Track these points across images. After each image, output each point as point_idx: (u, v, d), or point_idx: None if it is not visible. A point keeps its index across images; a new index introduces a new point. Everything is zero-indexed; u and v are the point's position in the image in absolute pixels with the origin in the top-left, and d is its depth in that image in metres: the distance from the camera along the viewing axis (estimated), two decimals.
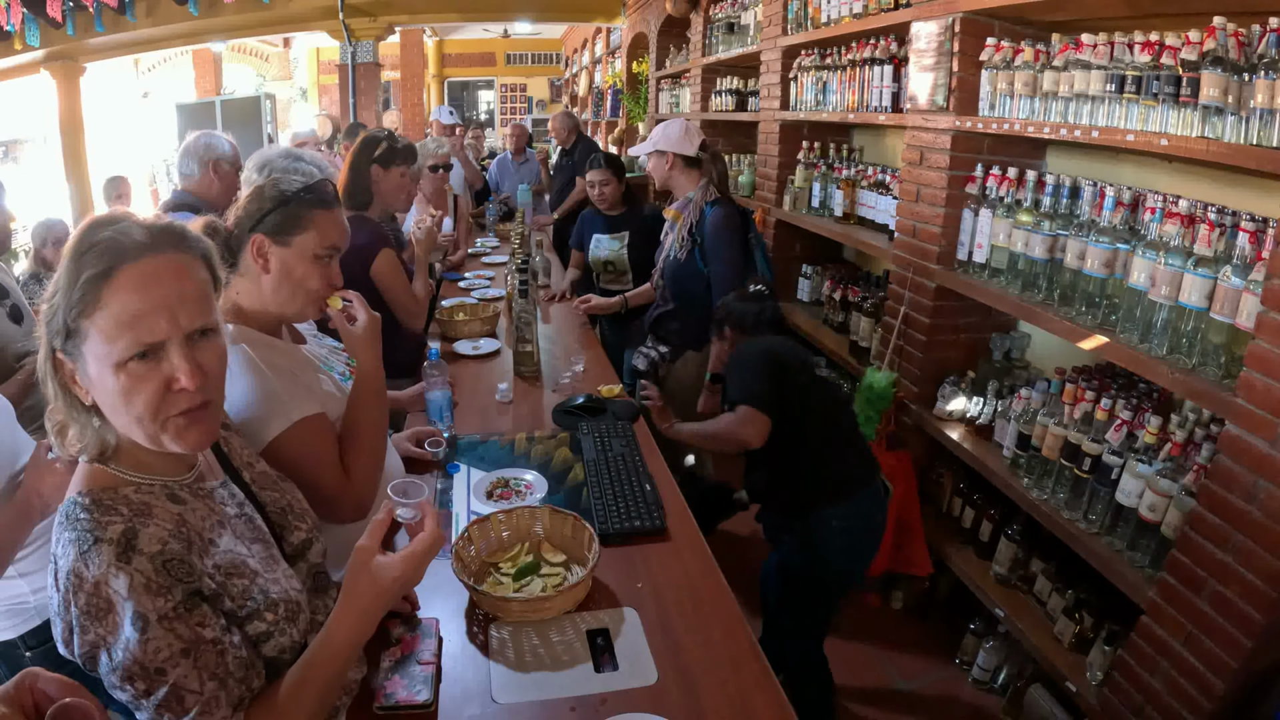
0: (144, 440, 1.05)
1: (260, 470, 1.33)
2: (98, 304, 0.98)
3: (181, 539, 1.02)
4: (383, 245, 2.75)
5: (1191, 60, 1.88)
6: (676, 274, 3.28)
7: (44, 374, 1.04)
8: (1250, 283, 1.76)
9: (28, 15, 8.06)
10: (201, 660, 0.98)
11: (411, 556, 1.16)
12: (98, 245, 0.99)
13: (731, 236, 3.15)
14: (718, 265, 3.15)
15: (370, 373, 1.65)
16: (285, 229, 1.57)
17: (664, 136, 3.25)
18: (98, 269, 0.98)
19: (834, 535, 2.29)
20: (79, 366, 1.01)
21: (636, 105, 8.10)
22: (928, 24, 2.81)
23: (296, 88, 15.39)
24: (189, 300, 1.04)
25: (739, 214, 3.23)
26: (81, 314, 0.98)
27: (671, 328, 3.36)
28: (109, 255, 0.99)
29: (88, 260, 0.98)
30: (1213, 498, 1.83)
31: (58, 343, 1.01)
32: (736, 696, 1.39)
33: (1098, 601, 2.30)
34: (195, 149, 3.10)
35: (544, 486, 2.07)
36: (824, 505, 2.29)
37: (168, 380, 1.02)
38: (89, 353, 1.00)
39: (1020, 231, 2.48)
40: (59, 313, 0.99)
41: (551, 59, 16.38)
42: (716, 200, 3.20)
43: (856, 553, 2.39)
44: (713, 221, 3.15)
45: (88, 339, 0.99)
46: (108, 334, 0.98)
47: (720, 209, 3.17)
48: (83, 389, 1.03)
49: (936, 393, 3.01)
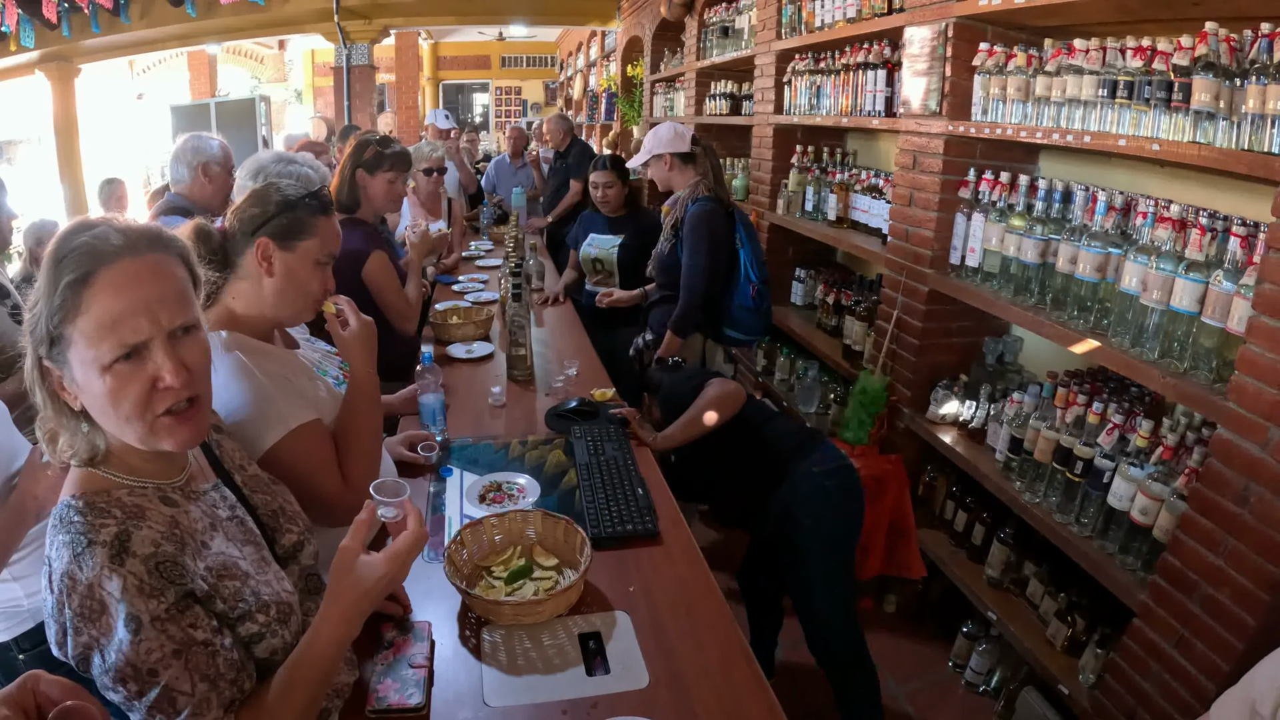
0: (135, 441, 1.05)
1: (252, 473, 1.33)
2: (79, 309, 0.99)
3: (174, 541, 1.03)
4: (375, 248, 2.76)
5: (1183, 65, 1.89)
6: (662, 266, 3.41)
7: (32, 382, 1.04)
8: (1241, 287, 1.77)
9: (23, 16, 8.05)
10: (193, 662, 0.99)
11: (396, 555, 1.16)
12: (75, 251, 1.00)
13: (706, 235, 3.19)
14: (686, 260, 3.24)
15: (364, 377, 1.66)
16: (291, 234, 1.59)
17: (657, 141, 3.32)
18: (76, 274, 0.99)
19: (818, 480, 2.30)
20: (65, 372, 1.02)
21: (631, 109, 8.10)
22: (921, 29, 2.82)
23: (291, 90, 15.38)
24: (169, 299, 1.05)
25: (724, 213, 3.27)
26: (64, 320, 0.99)
27: (658, 318, 3.45)
28: (86, 260, 0.99)
29: (66, 266, 0.99)
30: (1204, 501, 1.83)
31: (43, 350, 1.01)
32: (728, 700, 1.39)
33: (1090, 605, 2.30)
34: (184, 153, 3.07)
35: (536, 490, 2.07)
36: (797, 462, 2.32)
37: (153, 379, 1.03)
38: (74, 358, 1.00)
39: (1012, 236, 2.48)
40: (41, 320, 1.00)
41: (546, 62, 16.39)
42: (701, 198, 3.26)
43: (850, 494, 2.37)
44: (690, 218, 3.23)
45: (72, 344, 1.00)
46: (91, 338, 0.99)
47: (701, 206, 3.23)
48: (70, 394, 1.03)
49: (929, 396, 3.01)
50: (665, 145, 3.31)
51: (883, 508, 2.90)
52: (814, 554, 2.31)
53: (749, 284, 3.27)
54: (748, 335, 3.42)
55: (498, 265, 4.68)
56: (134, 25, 8.42)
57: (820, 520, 2.29)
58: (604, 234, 3.92)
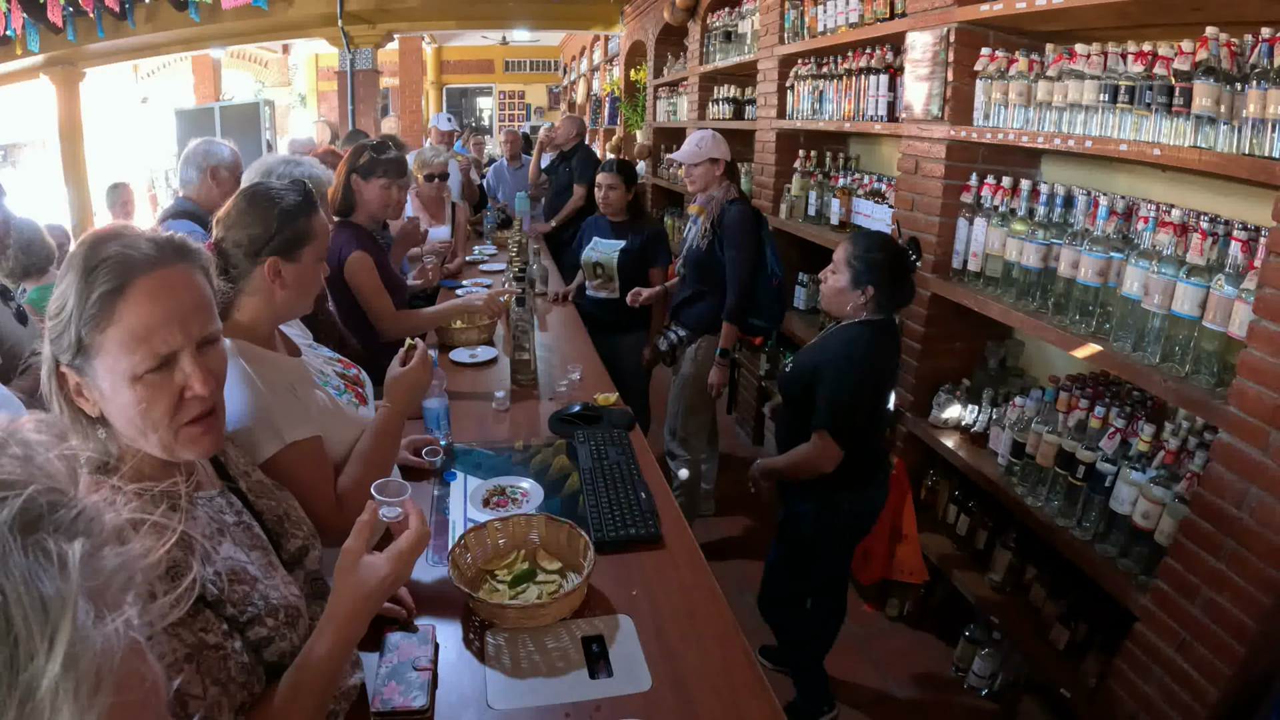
0: (158, 450, 1.06)
1: (256, 479, 1.34)
2: (111, 319, 0.99)
3: (183, 545, 1.03)
4: (356, 249, 2.78)
5: (1184, 70, 1.89)
6: (698, 262, 3.50)
7: (49, 390, 1.04)
8: (1242, 291, 1.77)
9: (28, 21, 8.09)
10: (205, 665, 0.99)
11: (399, 554, 1.17)
12: (108, 261, 1.00)
13: (749, 231, 3.38)
14: (733, 254, 3.37)
15: (393, 417, 1.74)
16: (294, 245, 1.61)
17: (714, 144, 3.45)
18: (111, 285, 0.99)
19: (844, 517, 2.45)
20: (86, 380, 1.02)
21: (634, 113, 8.11)
22: (923, 34, 2.82)
23: (295, 94, 15.42)
24: (199, 310, 1.06)
25: (754, 213, 3.47)
26: (95, 329, 0.99)
27: (691, 312, 3.59)
28: (120, 270, 1.00)
29: (99, 276, 0.99)
30: (1205, 505, 1.84)
31: (65, 358, 1.01)
32: (730, 704, 1.39)
33: (1092, 609, 2.31)
34: (194, 156, 3.09)
35: (540, 494, 2.08)
36: (841, 490, 2.39)
37: (181, 389, 1.04)
38: (100, 366, 1.00)
39: (1014, 240, 2.49)
40: (70, 328, 0.99)
41: (550, 66, 16.41)
42: (735, 199, 3.44)
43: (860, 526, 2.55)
44: (734, 217, 3.39)
45: (100, 353, 1.00)
46: (124, 347, 1.00)
47: (740, 206, 3.42)
48: (89, 400, 1.03)
49: (932, 401, 3.02)
50: (720, 150, 3.45)
51: (885, 512, 2.89)
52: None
53: (772, 276, 3.44)
54: (769, 323, 3.58)
55: (501, 270, 4.69)
56: (139, 29, 8.43)
57: (828, 547, 2.49)
58: (607, 238, 3.94)
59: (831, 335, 2.38)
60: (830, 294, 2.36)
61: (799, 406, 2.35)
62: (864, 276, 2.27)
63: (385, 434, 1.72)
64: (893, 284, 2.29)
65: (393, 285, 2.95)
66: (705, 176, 3.48)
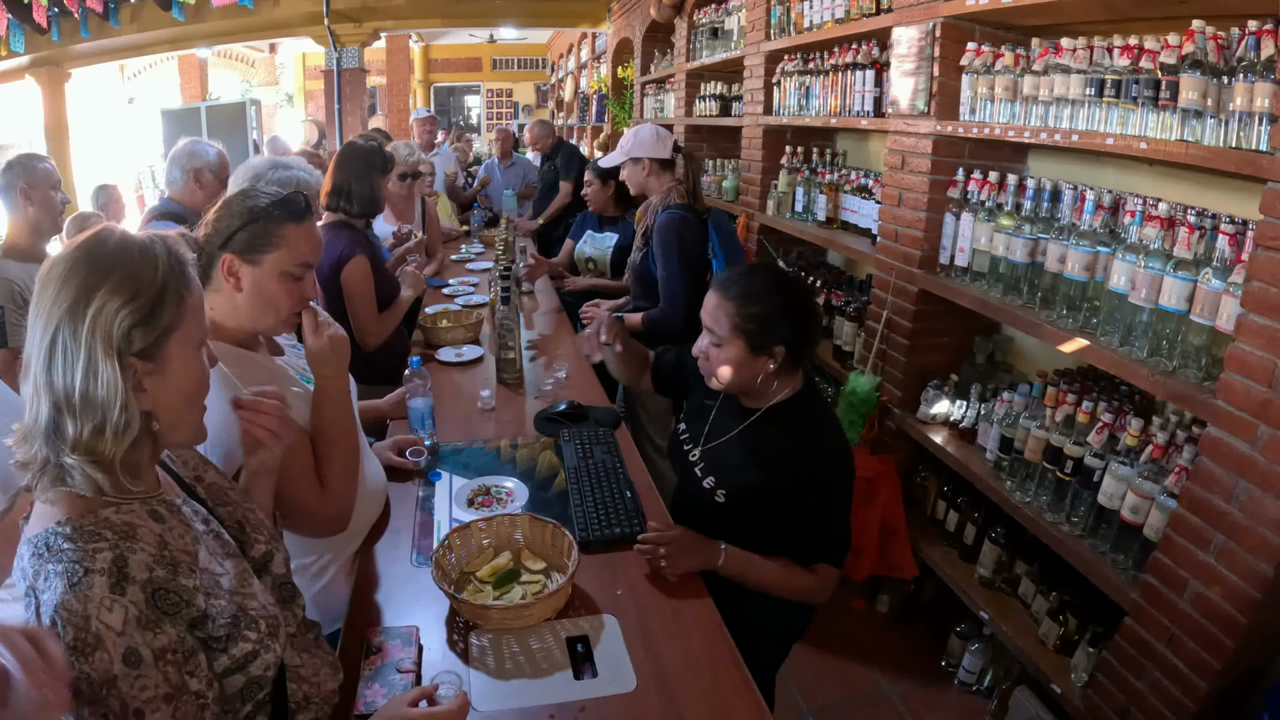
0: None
1: (210, 483, 1.30)
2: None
3: (166, 564, 1.00)
4: (357, 253, 2.76)
5: (1170, 64, 1.89)
6: (635, 275, 3.34)
7: (112, 388, 0.99)
8: (1230, 285, 1.76)
9: (12, 21, 8.02)
10: (181, 711, 0.95)
11: (434, 716, 1.20)
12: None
13: (675, 243, 3.07)
14: (661, 271, 3.13)
15: (326, 390, 1.62)
16: (255, 247, 1.55)
17: (637, 143, 3.23)
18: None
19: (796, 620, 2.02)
20: (156, 364, 1.04)
21: (622, 110, 8.10)
22: (909, 29, 2.81)
23: (282, 93, 15.37)
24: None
25: (696, 222, 3.15)
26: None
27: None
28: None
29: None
30: (1194, 499, 1.83)
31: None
32: (716, 703, 1.38)
33: (1082, 604, 2.30)
34: (179, 157, 3.06)
35: (525, 494, 2.06)
36: None
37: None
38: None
39: (1001, 235, 2.48)
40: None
41: (537, 64, 16.40)
42: (671, 206, 3.15)
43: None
44: (659, 227, 3.11)
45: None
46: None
47: (671, 215, 3.11)
48: (148, 395, 1.04)
49: (920, 396, 3.01)
50: (644, 149, 3.21)
51: (874, 508, 2.89)
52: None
53: None
54: None
55: (488, 268, 4.66)
56: (124, 29, 8.37)
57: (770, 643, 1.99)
58: (599, 232, 3.93)
59: (793, 436, 1.78)
60: (728, 376, 1.77)
61: (753, 514, 1.82)
62: (763, 336, 1.72)
63: (330, 407, 1.62)
64: (802, 326, 1.77)
65: (385, 288, 2.96)
66: (634, 179, 3.25)
